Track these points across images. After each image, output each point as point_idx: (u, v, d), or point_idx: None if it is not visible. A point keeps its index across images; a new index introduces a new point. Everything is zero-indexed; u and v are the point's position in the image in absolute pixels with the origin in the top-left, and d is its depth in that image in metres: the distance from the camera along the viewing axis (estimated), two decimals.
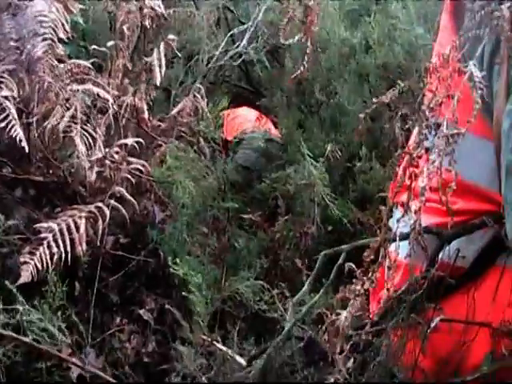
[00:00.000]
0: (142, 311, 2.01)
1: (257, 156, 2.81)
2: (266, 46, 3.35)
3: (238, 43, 3.28)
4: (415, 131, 1.04)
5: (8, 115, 1.75)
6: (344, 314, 1.04)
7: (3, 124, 1.73)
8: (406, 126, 1.05)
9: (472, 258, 1.10)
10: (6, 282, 1.59)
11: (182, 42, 3.11)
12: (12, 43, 1.99)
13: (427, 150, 0.97)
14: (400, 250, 1.00)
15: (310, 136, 2.71)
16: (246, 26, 3.29)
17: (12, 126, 1.73)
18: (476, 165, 1.00)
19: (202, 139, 2.53)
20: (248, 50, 3.25)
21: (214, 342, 1.60)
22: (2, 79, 1.84)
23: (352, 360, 1.09)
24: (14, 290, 1.53)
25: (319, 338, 1.15)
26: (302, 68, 1.93)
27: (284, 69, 3.12)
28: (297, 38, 1.94)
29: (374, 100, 1.14)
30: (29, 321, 1.48)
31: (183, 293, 1.73)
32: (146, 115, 2.39)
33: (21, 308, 1.48)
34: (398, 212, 1.06)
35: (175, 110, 2.53)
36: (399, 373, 1.06)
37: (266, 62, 3.35)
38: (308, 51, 1.94)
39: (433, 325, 1.03)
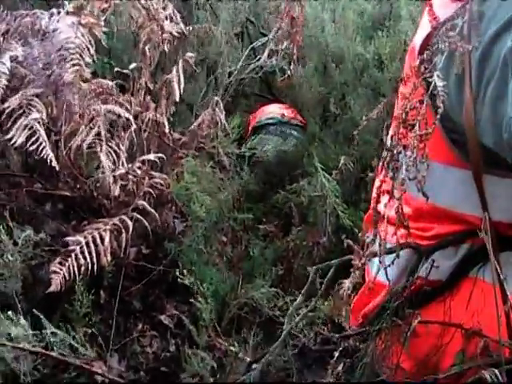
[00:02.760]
0: (162, 317, 2.13)
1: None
2: (286, 57, 3.43)
3: (258, 56, 3.36)
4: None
5: (38, 137, 1.89)
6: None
7: (34, 146, 1.87)
8: None
9: (448, 272, 1.22)
10: None
11: (202, 56, 3.22)
12: (41, 67, 2.14)
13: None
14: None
15: (324, 148, 2.82)
16: (267, 38, 3.37)
17: (43, 148, 1.87)
18: (447, 191, 1.09)
19: (221, 150, 2.65)
20: (268, 62, 3.33)
21: (220, 341, 1.72)
22: (32, 102, 1.99)
23: (342, 364, 1.21)
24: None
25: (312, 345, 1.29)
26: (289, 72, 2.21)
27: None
28: (285, 44, 2.21)
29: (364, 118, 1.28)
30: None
31: (191, 300, 1.86)
32: (166, 129, 2.49)
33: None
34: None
35: (195, 124, 2.65)
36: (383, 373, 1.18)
37: (288, 71, 3.41)
38: (294, 56, 2.21)
39: (412, 326, 1.14)
